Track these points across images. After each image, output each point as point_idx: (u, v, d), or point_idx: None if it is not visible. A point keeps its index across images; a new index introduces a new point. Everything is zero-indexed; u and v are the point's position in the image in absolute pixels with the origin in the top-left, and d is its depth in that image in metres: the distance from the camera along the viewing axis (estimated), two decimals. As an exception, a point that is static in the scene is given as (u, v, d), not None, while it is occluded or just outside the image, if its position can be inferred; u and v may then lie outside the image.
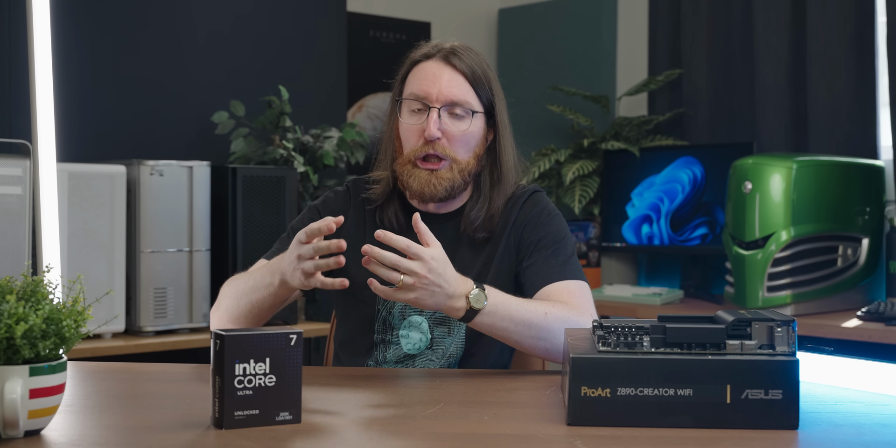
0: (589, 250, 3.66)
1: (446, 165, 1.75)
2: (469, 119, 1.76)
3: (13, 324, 1.12)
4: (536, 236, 1.79)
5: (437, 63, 1.77)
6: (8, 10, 2.88)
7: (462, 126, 1.75)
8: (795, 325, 1.29)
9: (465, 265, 1.77)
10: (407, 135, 1.77)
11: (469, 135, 1.76)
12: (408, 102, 1.77)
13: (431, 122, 1.72)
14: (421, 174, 1.74)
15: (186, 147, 3.25)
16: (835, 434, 1.25)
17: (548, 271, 1.75)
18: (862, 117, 3.18)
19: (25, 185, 2.42)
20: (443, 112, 1.74)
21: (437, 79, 1.75)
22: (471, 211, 1.80)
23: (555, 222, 1.82)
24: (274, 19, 3.51)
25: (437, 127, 1.73)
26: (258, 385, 1.23)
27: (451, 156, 1.75)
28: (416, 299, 1.51)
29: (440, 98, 1.74)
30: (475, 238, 1.80)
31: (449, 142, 1.75)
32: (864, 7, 3.17)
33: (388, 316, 1.79)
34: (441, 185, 1.74)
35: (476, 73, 1.77)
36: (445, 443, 1.20)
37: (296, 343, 1.26)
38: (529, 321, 1.60)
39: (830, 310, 2.91)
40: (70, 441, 1.17)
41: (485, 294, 1.57)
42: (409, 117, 1.77)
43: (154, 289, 2.78)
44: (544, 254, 1.77)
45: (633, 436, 1.21)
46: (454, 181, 1.75)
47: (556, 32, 4.07)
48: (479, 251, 1.81)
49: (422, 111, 1.75)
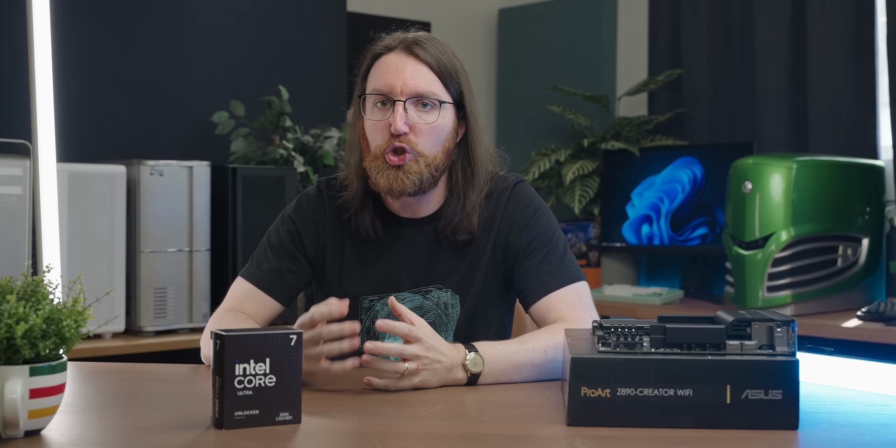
0: (589, 250, 3.66)
1: (411, 158, 1.65)
2: (437, 111, 1.67)
3: (13, 324, 1.12)
4: (525, 239, 1.73)
5: (399, 55, 1.68)
6: (8, 10, 2.88)
7: (430, 118, 1.66)
8: (795, 326, 1.29)
9: (448, 269, 1.73)
10: (373, 131, 1.68)
11: (438, 128, 1.67)
12: (371, 98, 1.68)
13: (397, 116, 1.63)
14: (388, 171, 1.65)
15: (186, 147, 3.25)
16: (834, 434, 1.25)
17: (543, 280, 1.70)
18: (862, 117, 3.18)
19: (25, 185, 2.42)
20: (409, 105, 1.65)
21: (400, 71, 1.66)
22: (446, 211, 1.73)
23: (542, 220, 1.75)
24: (274, 19, 3.51)
25: (404, 121, 1.64)
26: (258, 385, 1.23)
27: (417, 149, 1.65)
28: (421, 382, 1.47)
29: (405, 90, 1.65)
30: (456, 241, 1.73)
31: (416, 135, 1.66)
32: (864, 7, 3.17)
33: (372, 326, 1.73)
34: (409, 179, 1.65)
35: (442, 62, 1.68)
36: (445, 443, 1.20)
37: (296, 343, 1.26)
38: (532, 363, 1.56)
39: (830, 310, 2.91)
40: (70, 441, 1.17)
41: (480, 356, 1.52)
42: (374, 113, 1.68)
43: (154, 289, 2.78)
44: (536, 258, 1.71)
45: (632, 436, 1.21)
46: (422, 175, 1.66)
47: (556, 32, 4.07)
48: (461, 253, 1.74)
49: (387, 106, 1.66)
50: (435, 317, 1.74)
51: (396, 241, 1.75)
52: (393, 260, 1.74)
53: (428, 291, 1.74)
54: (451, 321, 1.75)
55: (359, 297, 1.74)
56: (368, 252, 1.75)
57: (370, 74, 1.71)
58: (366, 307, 1.74)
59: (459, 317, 1.74)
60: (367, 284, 1.74)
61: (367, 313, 1.74)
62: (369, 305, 1.74)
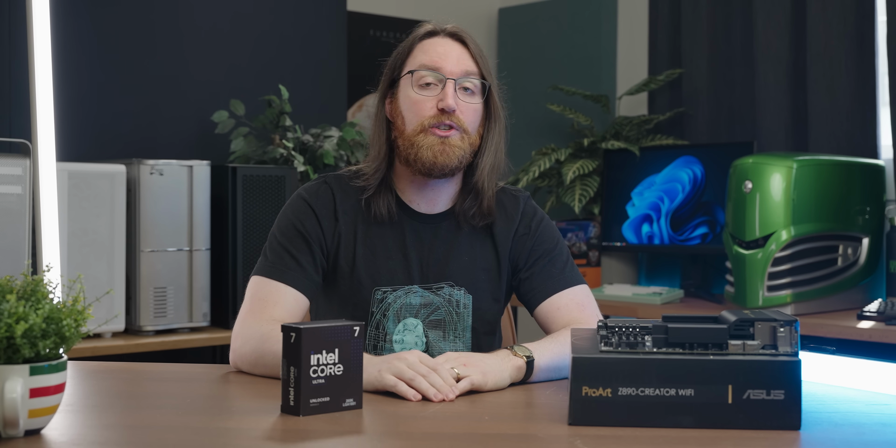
0: (589, 250, 3.66)
1: (458, 135, 1.69)
2: (478, 95, 1.73)
3: (13, 323, 1.12)
4: (532, 246, 1.79)
5: (445, 40, 1.76)
6: (8, 10, 2.87)
7: (472, 100, 1.72)
8: (798, 326, 1.28)
9: (460, 267, 1.76)
10: (417, 108, 1.70)
11: (478, 111, 1.73)
12: (419, 75, 1.71)
13: (449, 92, 1.68)
14: (433, 142, 1.68)
15: (186, 146, 3.25)
16: (835, 434, 1.25)
17: (552, 281, 1.76)
18: (862, 117, 3.18)
19: (25, 185, 2.42)
20: (456, 85, 1.70)
21: (448, 52, 1.73)
22: (463, 203, 1.77)
23: (549, 229, 1.82)
24: (274, 19, 3.51)
25: (455, 99, 1.69)
26: (329, 374, 1.31)
27: (463, 127, 1.70)
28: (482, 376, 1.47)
29: (454, 71, 1.71)
30: (476, 227, 1.78)
31: (462, 114, 1.70)
32: (864, 7, 3.16)
33: (382, 319, 1.75)
34: (454, 153, 1.68)
35: (481, 53, 1.77)
36: (445, 443, 1.20)
37: (359, 334, 1.35)
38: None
39: (830, 309, 2.90)
40: (70, 440, 1.17)
41: (523, 345, 1.57)
42: (421, 90, 1.71)
43: (154, 288, 2.78)
44: (542, 262, 1.77)
45: (633, 436, 1.21)
46: (464, 152, 1.70)
47: (556, 32, 4.07)
48: (485, 240, 1.79)
49: (432, 85, 1.70)
50: (446, 314, 1.75)
51: (410, 235, 1.76)
52: (406, 253, 1.75)
53: (440, 288, 1.75)
54: (461, 320, 1.75)
55: (371, 288, 1.74)
56: (382, 244, 1.75)
57: (413, 55, 1.75)
58: (378, 299, 1.74)
59: (472, 316, 1.76)
60: (379, 276, 1.74)
61: (380, 305, 1.74)
62: (382, 297, 1.74)
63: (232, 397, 1.49)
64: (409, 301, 1.74)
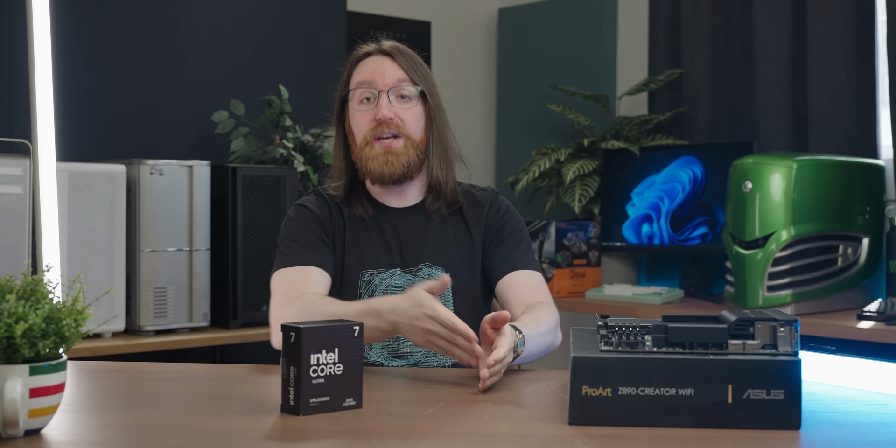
0: (589, 250, 3.66)
1: (401, 142, 1.86)
2: (414, 100, 1.89)
3: (13, 323, 1.12)
4: (499, 228, 1.94)
5: (377, 57, 1.92)
6: (8, 11, 2.87)
7: (409, 105, 1.88)
8: (798, 325, 1.28)
9: (436, 250, 1.90)
10: (360, 122, 1.88)
11: (417, 114, 1.89)
12: (357, 93, 1.89)
13: (383, 103, 1.85)
14: (378, 153, 1.85)
15: (186, 146, 3.25)
16: (835, 433, 1.25)
17: (513, 260, 1.90)
18: (862, 117, 3.18)
19: (25, 185, 2.42)
20: (391, 95, 1.87)
21: (380, 68, 1.89)
22: (430, 196, 1.93)
23: (515, 218, 1.98)
24: (274, 19, 3.51)
25: (389, 108, 1.86)
26: (329, 373, 1.32)
27: (404, 133, 1.87)
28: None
29: (386, 82, 1.87)
30: (445, 214, 1.93)
31: (401, 120, 1.87)
32: (864, 7, 3.17)
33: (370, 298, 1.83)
34: (399, 161, 1.86)
35: (415, 62, 1.92)
36: (445, 443, 1.20)
37: (359, 334, 1.36)
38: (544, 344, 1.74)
39: (830, 309, 2.90)
40: (70, 440, 1.17)
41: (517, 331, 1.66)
42: (360, 106, 1.89)
43: (154, 288, 2.78)
44: (508, 243, 1.92)
45: (633, 435, 1.21)
46: (409, 158, 1.87)
47: (556, 32, 4.07)
48: (458, 223, 1.94)
49: (370, 99, 1.88)
50: None
51: (387, 227, 1.93)
52: (386, 242, 1.91)
53: (419, 270, 1.89)
54: (442, 297, 1.84)
55: (359, 271, 1.89)
56: (365, 236, 1.92)
57: (353, 76, 1.93)
58: (365, 281, 1.88)
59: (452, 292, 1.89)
60: (365, 260, 1.90)
61: (367, 286, 1.88)
62: (369, 279, 1.88)
63: (232, 397, 1.49)
64: (394, 282, 1.88)
